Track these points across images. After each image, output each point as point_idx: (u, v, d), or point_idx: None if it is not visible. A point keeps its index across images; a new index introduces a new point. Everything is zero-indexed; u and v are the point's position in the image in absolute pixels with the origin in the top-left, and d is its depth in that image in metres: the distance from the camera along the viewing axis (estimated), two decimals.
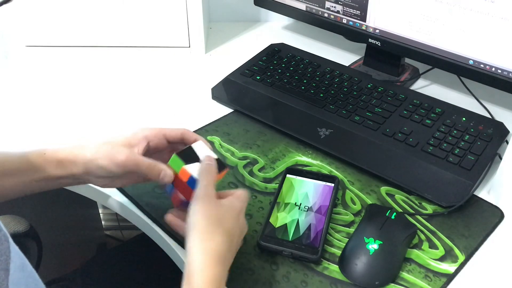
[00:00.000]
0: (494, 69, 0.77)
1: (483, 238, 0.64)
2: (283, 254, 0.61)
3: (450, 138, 0.74)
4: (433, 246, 0.63)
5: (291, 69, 0.90)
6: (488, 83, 0.79)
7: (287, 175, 0.71)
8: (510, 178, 0.67)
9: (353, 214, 0.67)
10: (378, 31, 0.88)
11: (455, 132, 0.75)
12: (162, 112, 0.86)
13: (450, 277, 0.60)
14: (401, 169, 0.71)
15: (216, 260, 0.49)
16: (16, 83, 0.92)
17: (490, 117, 0.83)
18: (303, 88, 0.86)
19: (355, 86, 0.86)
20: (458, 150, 0.72)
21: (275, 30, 1.10)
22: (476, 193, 0.69)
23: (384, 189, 0.71)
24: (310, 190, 0.68)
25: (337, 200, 0.69)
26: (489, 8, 0.73)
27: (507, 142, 0.75)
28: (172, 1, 0.94)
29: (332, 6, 0.91)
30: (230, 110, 0.85)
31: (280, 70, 0.90)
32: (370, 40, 0.89)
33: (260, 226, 0.64)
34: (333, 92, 0.84)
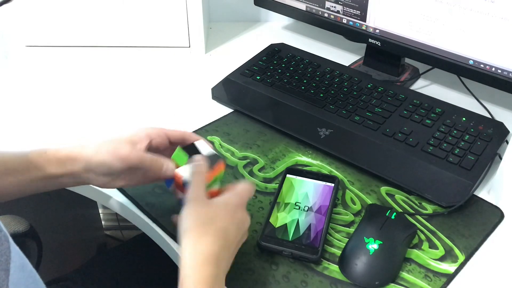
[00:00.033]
0: (494, 69, 0.77)
1: (483, 238, 0.64)
2: (283, 254, 0.61)
3: (450, 138, 0.74)
4: (433, 246, 0.63)
5: (291, 69, 0.90)
6: (488, 83, 0.79)
7: (287, 175, 0.71)
8: (510, 178, 0.67)
9: (353, 214, 0.67)
10: (378, 31, 0.88)
11: (455, 132, 0.75)
12: (162, 112, 0.86)
13: (450, 277, 0.60)
14: (401, 169, 0.71)
15: (207, 260, 0.49)
16: (16, 83, 0.92)
17: (490, 117, 0.82)
18: (303, 88, 0.86)
19: (355, 86, 0.86)
20: (458, 150, 0.72)
21: (275, 30, 1.10)
22: (476, 193, 0.69)
23: (384, 189, 0.71)
24: (310, 190, 0.68)
25: (337, 200, 0.69)
26: (489, 8, 0.73)
27: (507, 142, 0.75)
28: (172, 1, 0.94)
29: (332, 6, 0.91)
30: (230, 110, 0.85)
31: (280, 70, 0.90)
32: (370, 40, 0.89)
33: (260, 226, 0.64)
34: (333, 92, 0.84)
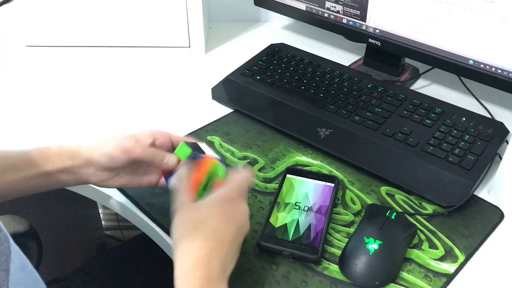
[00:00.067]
0: (494, 69, 0.77)
1: (483, 238, 0.64)
2: (283, 254, 0.61)
3: (450, 138, 0.74)
4: (433, 246, 0.63)
5: (291, 69, 0.90)
6: (488, 83, 0.79)
7: (287, 175, 0.70)
8: (510, 178, 0.67)
9: (353, 214, 0.67)
10: (378, 31, 0.88)
11: (455, 132, 0.75)
12: (162, 112, 0.86)
13: (450, 277, 0.60)
14: (401, 169, 0.71)
15: (197, 265, 0.49)
16: (16, 83, 0.92)
17: (490, 117, 0.82)
18: (303, 88, 0.86)
19: (355, 86, 0.86)
20: (458, 150, 0.72)
21: (275, 30, 1.10)
22: (476, 193, 0.69)
23: (384, 189, 0.71)
24: (310, 190, 0.68)
25: (337, 200, 0.69)
26: (489, 8, 0.73)
27: (507, 142, 0.75)
28: (172, 1, 0.94)
29: (332, 6, 0.91)
30: (230, 110, 0.85)
31: (280, 70, 0.90)
32: (370, 40, 0.89)
33: (260, 226, 0.64)
34: (333, 92, 0.84)
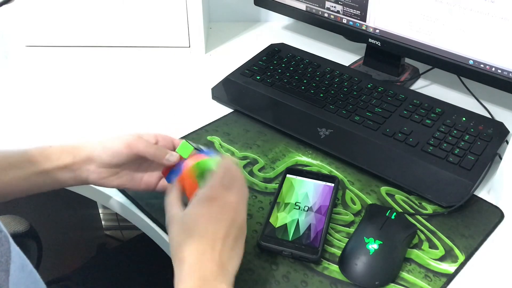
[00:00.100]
0: (494, 69, 0.77)
1: (483, 238, 0.64)
2: (283, 254, 0.61)
3: (450, 138, 0.74)
4: (433, 246, 0.63)
5: (291, 69, 0.90)
6: (488, 83, 0.79)
7: (287, 175, 0.70)
8: (510, 178, 0.67)
9: (353, 214, 0.67)
10: (378, 31, 0.88)
11: (455, 132, 0.75)
12: (162, 112, 0.86)
13: (450, 277, 0.60)
14: (401, 169, 0.71)
15: (188, 271, 0.49)
16: (16, 83, 0.92)
17: (490, 117, 0.82)
18: (303, 88, 0.86)
19: (355, 86, 0.86)
20: (458, 150, 0.72)
21: (275, 30, 1.10)
22: (476, 193, 0.69)
23: (384, 189, 0.71)
24: (310, 190, 0.68)
25: (337, 200, 0.69)
26: (489, 8, 0.73)
27: (507, 142, 0.75)
28: (172, 1, 0.94)
29: (332, 6, 0.91)
30: (230, 110, 0.85)
31: (280, 70, 0.90)
32: (370, 40, 0.89)
33: (260, 226, 0.64)
34: (333, 92, 0.84)
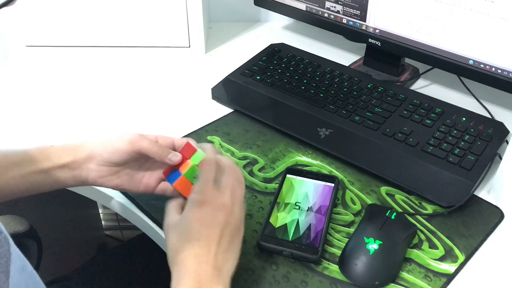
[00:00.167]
0: (494, 69, 0.77)
1: (483, 238, 0.64)
2: (283, 254, 0.61)
3: (450, 138, 0.74)
4: (433, 246, 0.63)
5: (291, 69, 0.90)
6: (488, 83, 0.79)
7: (287, 175, 0.70)
8: (510, 178, 0.67)
9: (353, 214, 0.67)
10: (378, 31, 0.88)
11: (455, 132, 0.75)
12: (162, 112, 0.86)
13: (450, 277, 0.60)
14: (401, 169, 0.71)
15: (184, 275, 0.50)
16: (16, 83, 0.92)
17: (490, 117, 0.82)
18: (303, 88, 0.86)
19: (355, 86, 0.86)
20: (458, 150, 0.72)
21: (275, 30, 1.10)
22: (476, 193, 0.69)
23: (384, 189, 0.71)
24: (310, 190, 0.68)
25: (337, 200, 0.69)
26: (489, 8, 0.73)
27: (507, 142, 0.75)
28: (172, 1, 0.94)
29: (332, 6, 0.91)
30: (230, 110, 0.85)
31: (280, 70, 0.90)
32: (370, 40, 0.89)
33: (260, 226, 0.64)
34: (333, 92, 0.84)
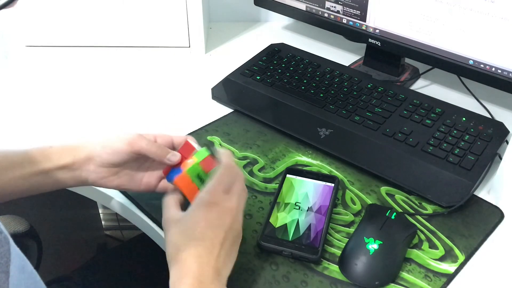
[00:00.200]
0: (494, 69, 0.77)
1: (483, 238, 0.64)
2: (283, 254, 0.61)
3: (450, 138, 0.74)
4: (433, 246, 0.63)
5: (291, 69, 0.90)
6: (488, 83, 0.79)
7: (287, 175, 0.70)
8: (510, 178, 0.67)
9: (353, 214, 0.67)
10: (378, 31, 0.88)
11: (455, 132, 0.75)
12: (162, 112, 0.86)
13: (450, 277, 0.60)
14: (401, 169, 0.71)
15: (185, 274, 0.50)
16: (16, 83, 0.92)
17: (490, 117, 0.82)
18: (303, 88, 0.86)
19: (355, 86, 0.86)
20: (458, 150, 0.72)
21: (275, 30, 1.10)
22: (476, 193, 0.69)
23: (384, 189, 0.71)
24: (310, 190, 0.68)
25: (337, 200, 0.69)
26: (489, 8, 0.73)
27: (507, 142, 0.75)
28: (172, 1, 0.94)
29: (332, 6, 0.91)
30: (230, 110, 0.85)
31: (280, 70, 0.90)
32: (370, 40, 0.89)
33: (260, 226, 0.64)
34: (333, 92, 0.84)
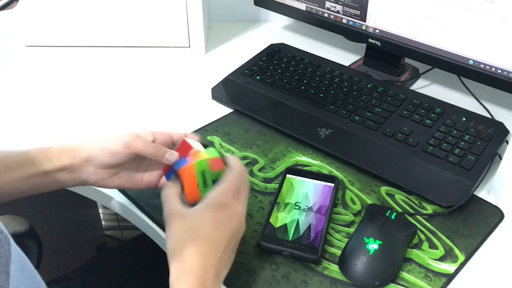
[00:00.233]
0: (494, 69, 0.77)
1: (483, 238, 0.64)
2: (283, 254, 0.61)
3: (450, 138, 0.74)
4: (433, 246, 0.63)
5: (291, 69, 0.90)
6: (488, 83, 0.79)
7: (287, 175, 0.70)
8: (510, 178, 0.67)
9: (353, 214, 0.67)
10: (378, 31, 0.88)
11: (455, 132, 0.75)
12: (162, 112, 0.86)
13: (450, 277, 0.60)
14: (401, 169, 0.71)
15: (191, 272, 0.49)
16: (16, 83, 0.92)
17: (490, 117, 0.82)
18: (303, 88, 0.86)
19: (355, 86, 0.86)
20: (458, 150, 0.72)
21: (275, 30, 1.10)
22: (476, 193, 0.69)
23: (384, 189, 0.71)
24: (310, 190, 0.68)
25: (337, 200, 0.69)
26: (489, 8, 0.73)
27: (507, 142, 0.75)
28: (172, 1, 0.94)
29: (332, 6, 0.91)
30: (230, 110, 0.85)
31: (280, 70, 0.90)
32: (370, 40, 0.89)
33: (260, 226, 0.64)
34: (333, 92, 0.84)
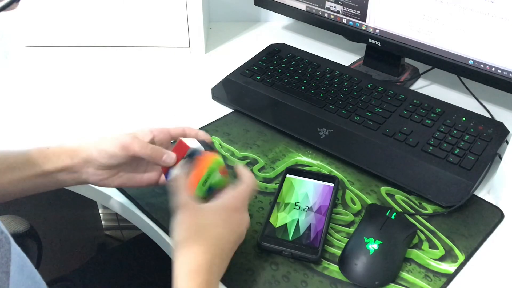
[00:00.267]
0: (494, 69, 0.77)
1: (483, 238, 0.64)
2: (283, 254, 0.61)
3: (450, 138, 0.74)
4: (433, 246, 0.63)
5: (291, 69, 0.90)
6: (488, 83, 0.79)
7: (287, 175, 0.70)
8: (510, 178, 0.67)
9: (353, 214, 0.67)
10: (378, 31, 0.88)
11: (455, 132, 0.75)
12: (162, 112, 0.86)
13: (450, 277, 0.60)
14: (401, 169, 0.71)
15: (200, 269, 0.49)
16: (16, 83, 0.92)
17: (490, 117, 0.83)
18: (303, 88, 0.86)
19: (355, 86, 0.86)
20: (458, 150, 0.72)
21: (275, 30, 1.10)
22: (476, 193, 0.69)
23: (384, 189, 0.71)
24: (310, 190, 0.68)
25: (337, 200, 0.69)
26: (489, 8, 0.73)
27: (507, 142, 0.75)
28: (172, 1, 0.94)
29: (332, 6, 0.91)
30: (230, 110, 0.85)
31: (280, 70, 0.90)
32: (370, 40, 0.89)
33: (260, 226, 0.64)
34: (333, 92, 0.84)
